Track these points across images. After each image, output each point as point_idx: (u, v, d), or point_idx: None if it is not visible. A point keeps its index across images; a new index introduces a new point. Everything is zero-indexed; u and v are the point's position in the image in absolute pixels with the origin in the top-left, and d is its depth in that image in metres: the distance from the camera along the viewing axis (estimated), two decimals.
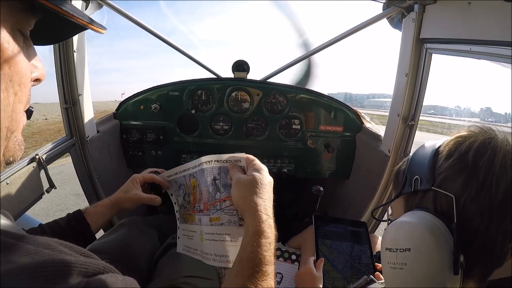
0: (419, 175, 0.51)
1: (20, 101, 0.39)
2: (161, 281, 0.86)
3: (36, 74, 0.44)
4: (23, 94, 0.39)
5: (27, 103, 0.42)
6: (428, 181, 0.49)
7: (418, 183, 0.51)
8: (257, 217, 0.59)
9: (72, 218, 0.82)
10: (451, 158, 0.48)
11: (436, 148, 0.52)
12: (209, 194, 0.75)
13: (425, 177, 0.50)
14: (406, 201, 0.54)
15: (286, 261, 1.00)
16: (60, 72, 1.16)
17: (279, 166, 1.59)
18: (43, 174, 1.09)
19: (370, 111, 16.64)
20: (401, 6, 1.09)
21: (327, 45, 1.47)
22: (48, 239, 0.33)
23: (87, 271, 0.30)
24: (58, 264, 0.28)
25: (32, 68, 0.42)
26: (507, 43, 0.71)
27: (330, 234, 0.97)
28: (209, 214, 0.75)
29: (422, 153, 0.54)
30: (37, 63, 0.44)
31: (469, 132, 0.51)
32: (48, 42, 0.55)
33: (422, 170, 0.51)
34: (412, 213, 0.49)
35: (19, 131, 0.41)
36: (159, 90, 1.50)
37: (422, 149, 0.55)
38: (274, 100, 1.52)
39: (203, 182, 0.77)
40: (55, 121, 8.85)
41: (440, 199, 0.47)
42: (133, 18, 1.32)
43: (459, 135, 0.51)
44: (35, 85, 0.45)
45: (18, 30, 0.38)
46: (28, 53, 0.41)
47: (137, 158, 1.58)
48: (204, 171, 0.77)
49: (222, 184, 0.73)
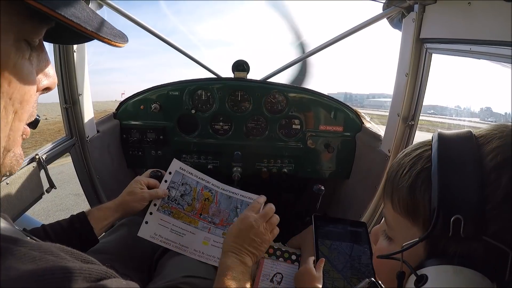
0: (461, 213, 0.35)
1: (21, 119, 0.36)
2: (161, 281, 0.86)
3: (47, 82, 0.40)
4: (24, 112, 0.36)
5: (30, 117, 0.39)
6: (477, 227, 0.35)
7: (461, 227, 0.35)
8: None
9: (75, 220, 0.82)
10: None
11: (481, 170, 0.36)
12: (228, 215, 0.99)
13: (472, 220, 0.35)
14: (432, 245, 0.38)
15: (286, 261, 1.00)
16: (60, 72, 1.16)
17: (279, 166, 1.59)
18: (43, 174, 1.09)
19: (370, 111, 16.64)
20: (401, 6, 1.09)
21: (327, 45, 1.47)
22: (51, 245, 0.33)
23: (91, 276, 0.30)
24: (64, 271, 0.28)
25: (41, 77, 0.39)
26: (507, 43, 0.71)
27: (330, 234, 0.97)
28: (223, 229, 0.97)
29: (459, 174, 0.37)
30: (49, 70, 0.41)
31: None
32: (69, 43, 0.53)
33: (466, 207, 0.35)
34: (456, 273, 0.35)
35: (17, 147, 0.38)
36: (159, 90, 1.50)
37: (457, 164, 0.38)
38: (274, 100, 1.52)
39: (225, 205, 1.01)
40: (55, 121, 8.84)
41: (490, 252, 0.34)
42: (133, 18, 1.32)
43: (509, 155, 0.36)
44: (45, 93, 0.42)
45: (25, 40, 0.34)
46: (38, 63, 0.38)
47: (137, 158, 1.58)
48: (231, 198, 1.02)
49: (241, 213, 0.93)
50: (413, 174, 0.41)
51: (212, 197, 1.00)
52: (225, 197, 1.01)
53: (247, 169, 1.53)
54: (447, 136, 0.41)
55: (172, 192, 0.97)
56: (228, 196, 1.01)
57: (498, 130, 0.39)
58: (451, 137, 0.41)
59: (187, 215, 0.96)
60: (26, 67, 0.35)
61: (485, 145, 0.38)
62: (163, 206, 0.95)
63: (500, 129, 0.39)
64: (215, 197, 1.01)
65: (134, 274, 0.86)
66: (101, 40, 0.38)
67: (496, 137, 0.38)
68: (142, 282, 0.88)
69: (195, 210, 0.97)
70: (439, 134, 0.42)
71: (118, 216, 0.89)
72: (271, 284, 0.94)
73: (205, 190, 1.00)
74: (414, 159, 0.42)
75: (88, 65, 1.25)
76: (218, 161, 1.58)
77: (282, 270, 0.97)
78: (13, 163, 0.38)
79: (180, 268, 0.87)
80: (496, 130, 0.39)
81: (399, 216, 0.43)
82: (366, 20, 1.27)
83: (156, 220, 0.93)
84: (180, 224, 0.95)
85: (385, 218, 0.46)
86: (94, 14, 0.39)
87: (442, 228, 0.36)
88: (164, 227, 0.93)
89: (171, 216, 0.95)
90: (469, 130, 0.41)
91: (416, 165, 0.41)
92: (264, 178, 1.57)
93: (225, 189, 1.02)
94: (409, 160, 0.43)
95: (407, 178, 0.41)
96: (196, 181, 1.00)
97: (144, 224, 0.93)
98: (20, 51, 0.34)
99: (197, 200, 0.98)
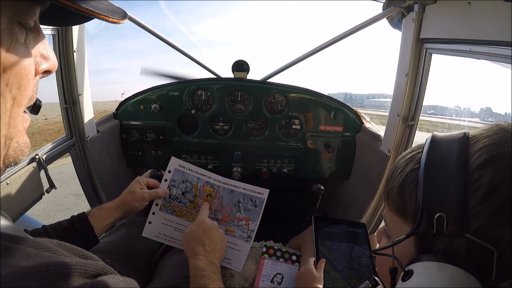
0: (444, 211, 0.37)
1: (20, 105, 0.35)
2: (161, 281, 0.86)
3: (46, 65, 0.39)
4: (23, 97, 0.35)
5: (30, 100, 0.38)
6: (459, 224, 0.35)
7: (444, 224, 0.36)
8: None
9: (76, 220, 0.82)
10: (493, 198, 0.35)
11: (464, 170, 0.37)
12: (231, 211, 0.98)
13: (455, 217, 0.36)
14: (420, 242, 0.40)
15: (287, 262, 1.00)
16: (60, 72, 1.16)
17: (279, 166, 1.59)
18: (43, 174, 1.09)
19: (370, 111, 16.61)
20: (401, 6, 1.09)
21: (327, 45, 1.47)
22: (47, 241, 0.33)
23: (86, 272, 0.30)
24: (59, 266, 0.28)
25: (40, 60, 0.38)
26: (507, 43, 0.71)
27: (330, 235, 0.97)
28: (226, 225, 0.97)
29: (440, 173, 0.39)
30: (48, 52, 0.39)
31: (504, 140, 0.37)
32: (63, 24, 0.51)
33: (449, 205, 0.37)
34: (440, 269, 0.36)
35: (20, 135, 0.37)
36: (159, 90, 1.50)
37: (442, 164, 0.39)
38: (274, 100, 1.52)
39: (228, 199, 0.99)
40: (55, 121, 8.84)
41: (473, 249, 0.35)
42: (133, 18, 1.32)
43: (494, 148, 0.37)
44: (45, 77, 0.41)
45: (18, 23, 0.33)
46: (35, 46, 0.37)
47: (137, 158, 1.58)
48: (234, 192, 1.00)
49: (243, 208, 0.99)
50: (404, 174, 0.43)
51: (215, 192, 0.99)
52: (228, 191, 1.00)
53: (247, 169, 1.53)
54: (439, 139, 0.43)
55: (173, 190, 0.97)
56: (230, 190, 1.00)
57: (489, 130, 0.40)
58: (442, 139, 0.43)
59: (190, 213, 0.96)
60: (21, 51, 0.33)
61: (473, 145, 0.39)
62: (165, 206, 0.95)
63: (492, 129, 0.40)
64: (217, 192, 1.00)
65: (134, 274, 0.86)
66: (98, 17, 0.36)
67: (484, 136, 0.39)
68: (142, 282, 0.88)
69: (198, 207, 0.96)
70: (432, 137, 0.44)
71: (119, 216, 0.89)
72: (272, 284, 0.94)
73: (207, 186, 0.99)
74: (407, 161, 0.45)
75: (88, 65, 1.25)
76: (218, 161, 1.58)
77: (283, 270, 0.97)
78: (17, 153, 0.37)
79: (180, 268, 0.87)
80: (488, 129, 0.40)
81: (393, 214, 0.45)
82: (366, 20, 1.26)
83: (159, 219, 0.94)
84: (184, 221, 0.95)
85: (384, 217, 0.49)
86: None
87: (427, 225, 0.38)
88: (168, 225, 0.94)
89: (173, 215, 0.95)
90: (464, 131, 0.42)
91: (407, 166, 0.44)
92: (264, 178, 1.57)
93: (227, 183, 1.01)
94: (403, 162, 0.45)
95: (398, 179, 0.44)
96: (197, 178, 0.99)
97: (148, 224, 0.93)
98: (13, 35, 0.32)
99: (199, 196, 0.98)
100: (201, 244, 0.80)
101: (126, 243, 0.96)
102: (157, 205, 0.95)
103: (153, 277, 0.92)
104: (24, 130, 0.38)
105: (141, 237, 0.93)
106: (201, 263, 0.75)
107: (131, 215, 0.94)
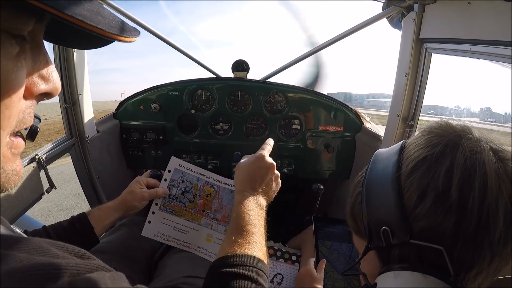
0: (387, 224, 0.38)
1: (3, 128, 0.30)
2: (161, 281, 0.86)
3: (45, 87, 0.35)
4: (4, 119, 0.30)
5: (20, 123, 0.33)
6: (403, 233, 0.37)
7: (389, 236, 0.38)
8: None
9: (76, 221, 0.82)
10: (425, 198, 0.36)
11: (396, 180, 0.39)
12: (231, 211, 0.96)
13: (397, 228, 0.37)
14: (380, 255, 0.42)
15: (287, 262, 1.00)
16: (60, 72, 1.16)
17: (279, 166, 1.58)
18: (43, 174, 1.09)
19: (370, 111, 16.64)
20: (401, 5, 1.09)
21: (326, 45, 1.47)
22: (42, 241, 0.32)
23: (79, 272, 0.29)
24: (49, 267, 0.27)
25: (38, 80, 0.34)
26: (507, 43, 0.71)
27: (330, 235, 0.97)
28: (226, 225, 0.97)
29: (378, 190, 0.41)
30: (50, 73, 0.35)
31: (431, 142, 0.39)
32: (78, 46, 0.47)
33: (390, 218, 0.38)
34: (396, 277, 0.37)
35: (7, 161, 0.33)
36: (159, 90, 1.50)
37: (380, 180, 0.41)
38: (274, 100, 1.52)
39: (228, 199, 0.99)
40: (55, 121, 8.83)
41: (424, 250, 0.37)
42: (133, 18, 1.32)
43: (419, 153, 0.38)
44: (43, 100, 0.36)
45: (5, 31, 0.29)
46: (32, 62, 0.33)
47: (137, 158, 1.58)
48: (233, 192, 0.93)
49: None
50: (353, 199, 0.47)
51: (215, 192, 0.99)
52: (228, 191, 1.00)
53: None
54: (379, 156, 0.46)
55: (172, 190, 0.97)
56: (230, 190, 1.00)
57: (420, 134, 0.42)
58: (382, 155, 0.45)
59: (189, 212, 0.97)
60: (5, 66, 0.29)
61: (405, 154, 0.41)
62: (165, 205, 0.95)
63: (422, 132, 0.42)
64: (217, 192, 1.00)
65: (134, 274, 0.86)
66: (107, 36, 0.33)
67: (411, 143, 0.42)
68: (143, 282, 0.88)
69: (198, 206, 0.97)
70: (374, 156, 0.47)
71: (119, 216, 0.89)
72: (272, 284, 0.94)
73: (206, 186, 0.99)
74: (355, 185, 0.48)
75: (88, 65, 1.25)
76: (218, 161, 1.58)
77: (283, 270, 0.97)
78: (9, 181, 0.34)
79: (181, 268, 0.87)
80: (419, 133, 0.42)
81: (354, 235, 0.48)
82: (366, 19, 1.26)
83: (158, 219, 0.94)
84: (183, 221, 0.95)
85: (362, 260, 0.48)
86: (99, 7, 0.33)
87: (376, 240, 0.40)
88: (167, 225, 0.94)
89: (173, 214, 0.96)
90: (404, 140, 0.45)
91: (355, 190, 0.47)
92: None
93: (227, 183, 1.01)
94: (352, 186, 0.49)
95: (350, 202, 0.48)
96: (197, 177, 1.00)
97: (147, 223, 0.93)
98: (3, 46, 0.28)
99: (199, 196, 0.98)
100: (252, 180, 0.73)
101: (126, 243, 0.96)
102: (156, 205, 0.95)
103: (154, 277, 0.92)
104: (14, 156, 0.34)
105: (141, 237, 0.93)
106: (247, 203, 0.67)
107: (131, 215, 0.94)
